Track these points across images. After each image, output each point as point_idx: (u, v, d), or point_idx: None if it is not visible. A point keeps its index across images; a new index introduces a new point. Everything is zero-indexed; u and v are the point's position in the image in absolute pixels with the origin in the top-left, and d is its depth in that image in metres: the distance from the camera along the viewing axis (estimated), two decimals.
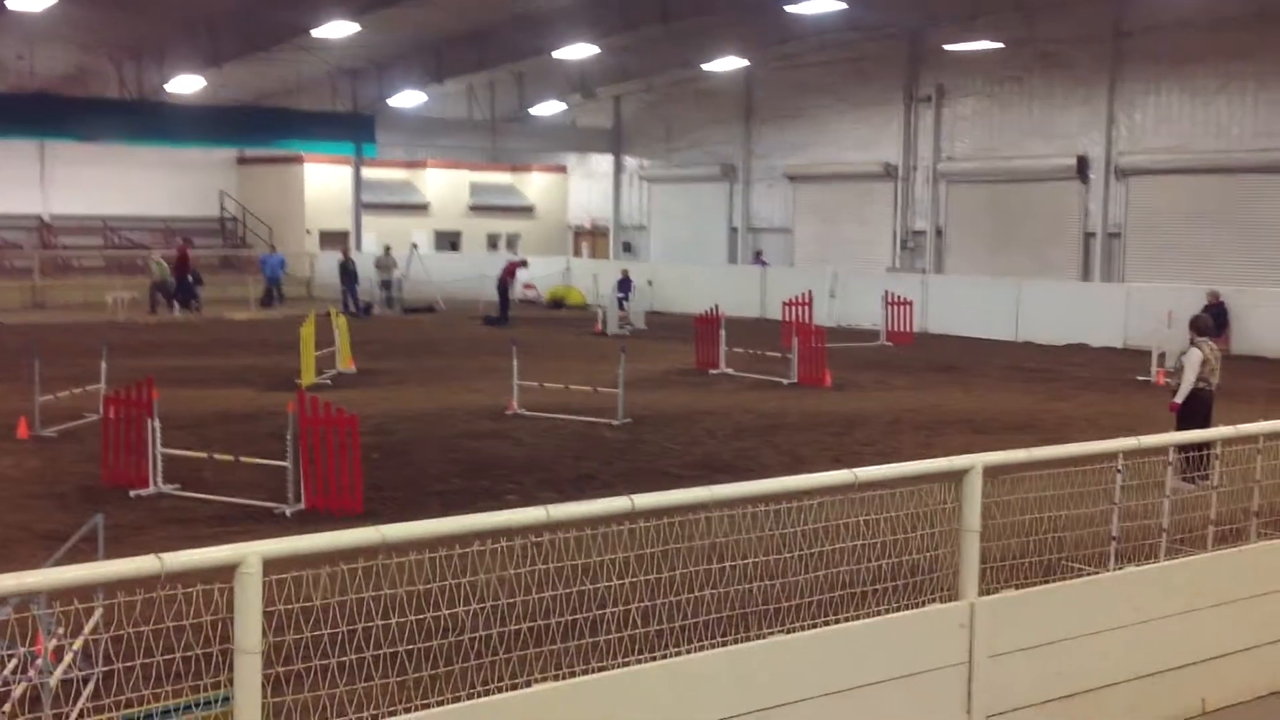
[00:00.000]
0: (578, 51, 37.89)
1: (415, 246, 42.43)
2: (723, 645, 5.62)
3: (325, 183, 44.66)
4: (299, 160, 44.04)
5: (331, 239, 43.59)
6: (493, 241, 48.51)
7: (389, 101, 43.27)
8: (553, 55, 38.03)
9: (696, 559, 5.90)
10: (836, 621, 5.97)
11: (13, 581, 4.04)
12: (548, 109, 46.37)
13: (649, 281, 37.32)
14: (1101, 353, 27.96)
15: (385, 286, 38.63)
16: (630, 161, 47.36)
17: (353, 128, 42.94)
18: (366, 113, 43.09)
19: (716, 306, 24.55)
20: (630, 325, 32.59)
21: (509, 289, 34.95)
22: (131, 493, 12.51)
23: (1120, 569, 7.62)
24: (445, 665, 5.35)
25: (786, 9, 32.78)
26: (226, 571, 4.37)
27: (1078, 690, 6.54)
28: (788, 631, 5.87)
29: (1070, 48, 34.54)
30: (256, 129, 42.14)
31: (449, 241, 47.43)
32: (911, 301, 30.79)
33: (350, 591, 5.03)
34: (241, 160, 46.26)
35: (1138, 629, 6.80)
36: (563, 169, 50.05)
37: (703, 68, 40.28)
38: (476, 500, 12.50)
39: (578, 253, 48.69)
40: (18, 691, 6.12)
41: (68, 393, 16.56)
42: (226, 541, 6.26)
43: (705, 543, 5.93)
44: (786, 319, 26.56)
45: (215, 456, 13.38)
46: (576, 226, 50.01)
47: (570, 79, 43.02)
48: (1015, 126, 36.03)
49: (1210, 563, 7.55)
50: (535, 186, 50.08)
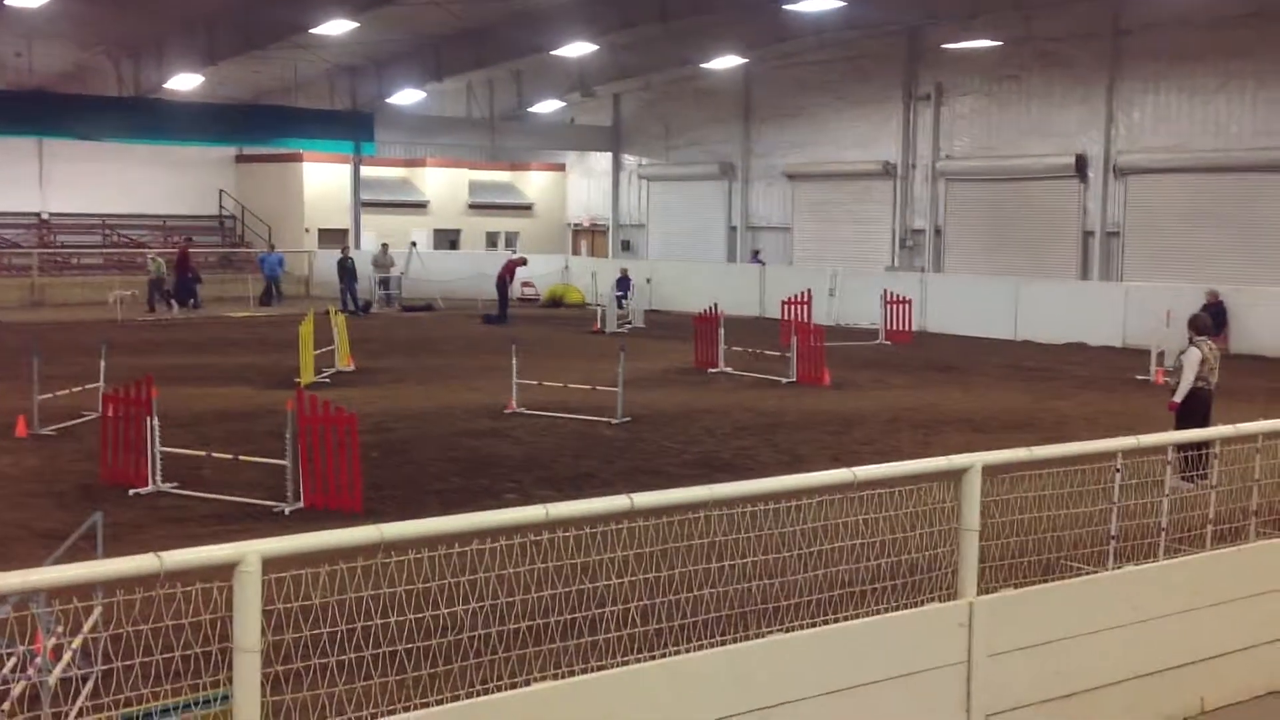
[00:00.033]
0: (576, 50, 37.84)
1: (414, 245, 42.43)
2: (722, 644, 5.62)
3: (324, 181, 44.60)
4: (298, 158, 43.96)
5: (330, 237, 43.53)
6: (492, 240, 48.47)
7: (388, 100, 43.21)
8: (552, 53, 37.96)
9: (695, 558, 5.90)
10: (835, 621, 5.97)
11: (12, 580, 4.04)
12: (547, 107, 46.33)
13: (648, 280, 37.30)
14: (1100, 352, 27.96)
15: (384, 285, 38.66)
16: (629, 160, 47.31)
17: (351, 126, 42.89)
18: (365, 111, 43.03)
19: (715, 305, 24.53)
20: (629, 324, 32.59)
21: (508, 287, 34.92)
22: (130, 491, 12.50)
23: (1119, 568, 7.63)
24: (444, 664, 5.35)
25: (785, 7, 32.74)
26: (226, 570, 4.37)
27: (1077, 689, 6.54)
28: (787, 630, 5.87)
29: (1069, 46, 34.52)
30: (255, 127, 42.07)
31: (448, 240, 47.38)
32: (910, 300, 30.77)
33: (349, 590, 5.03)
34: (240, 158, 46.20)
35: (1136, 628, 6.80)
36: (561, 167, 50.00)
37: (702, 66, 40.23)
38: (475, 499, 12.51)
39: (576, 251, 48.64)
40: (17, 690, 6.12)
41: (66, 391, 16.57)
42: (225, 540, 6.26)
43: (704, 541, 5.93)
44: (785, 318, 26.57)
45: (214, 455, 13.41)
46: (575, 225, 49.97)
47: (569, 77, 42.97)
48: (1014, 125, 36.01)
49: (1209, 562, 7.55)
50: (534, 185, 50.04)
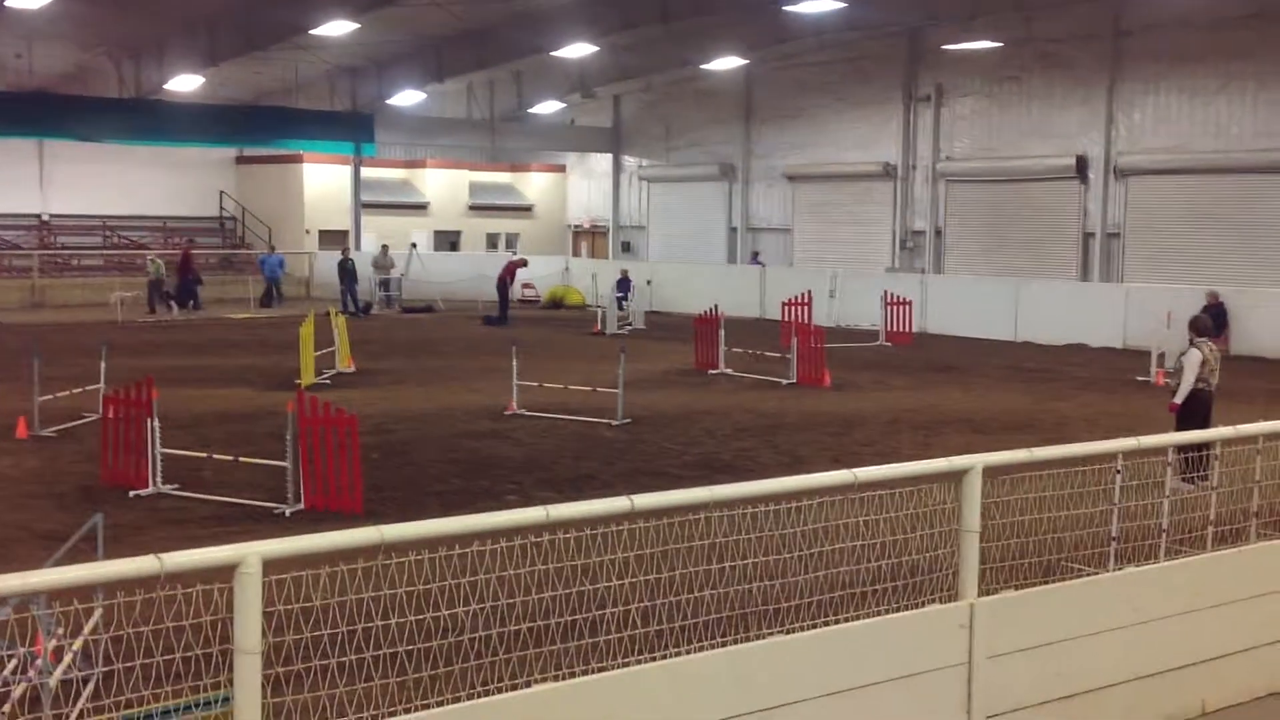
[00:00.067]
0: (577, 51, 37.84)
1: (414, 246, 42.43)
2: (722, 646, 5.62)
3: (324, 182, 44.61)
4: (298, 159, 43.98)
5: (331, 238, 43.55)
6: (492, 241, 48.47)
7: (388, 101, 43.22)
8: (552, 54, 37.97)
9: (696, 559, 5.90)
10: (836, 622, 5.97)
11: (12, 581, 4.04)
12: (547, 108, 46.34)
13: (648, 281, 37.30)
14: (1101, 353, 27.96)
15: (384, 286, 38.66)
16: (629, 161, 47.31)
17: (352, 127, 42.90)
18: (366, 112, 43.04)
19: (716, 306, 24.54)
20: (630, 325, 32.59)
21: (509, 289, 34.92)
22: (131, 493, 12.50)
23: (1120, 569, 7.63)
24: (445, 666, 5.35)
25: (786, 8, 32.74)
26: (226, 572, 4.37)
27: (1077, 691, 6.54)
28: (787, 632, 5.87)
29: (1069, 47, 34.52)
30: (255, 128, 42.07)
31: (448, 241, 47.38)
32: (911, 301, 30.78)
33: (350, 592, 5.03)
34: (240, 159, 46.21)
35: (1137, 630, 6.80)
36: (562, 168, 50.01)
37: (702, 67, 40.23)
38: (476, 500, 12.50)
39: (577, 252, 48.65)
40: (17, 692, 6.11)
41: (67, 392, 16.57)
42: (226, 542, 6.26)
43: (705, 543, 5.93)
44: (786, 319, 26.57)
45: (214, 456, 13.40)
46: (575, 226, 49.97)
47: (569, 78, 42.98)
48: (1014, 126, 36.01)
49: (1210, 563, 7.55)
50: (534, 186, 50.04)
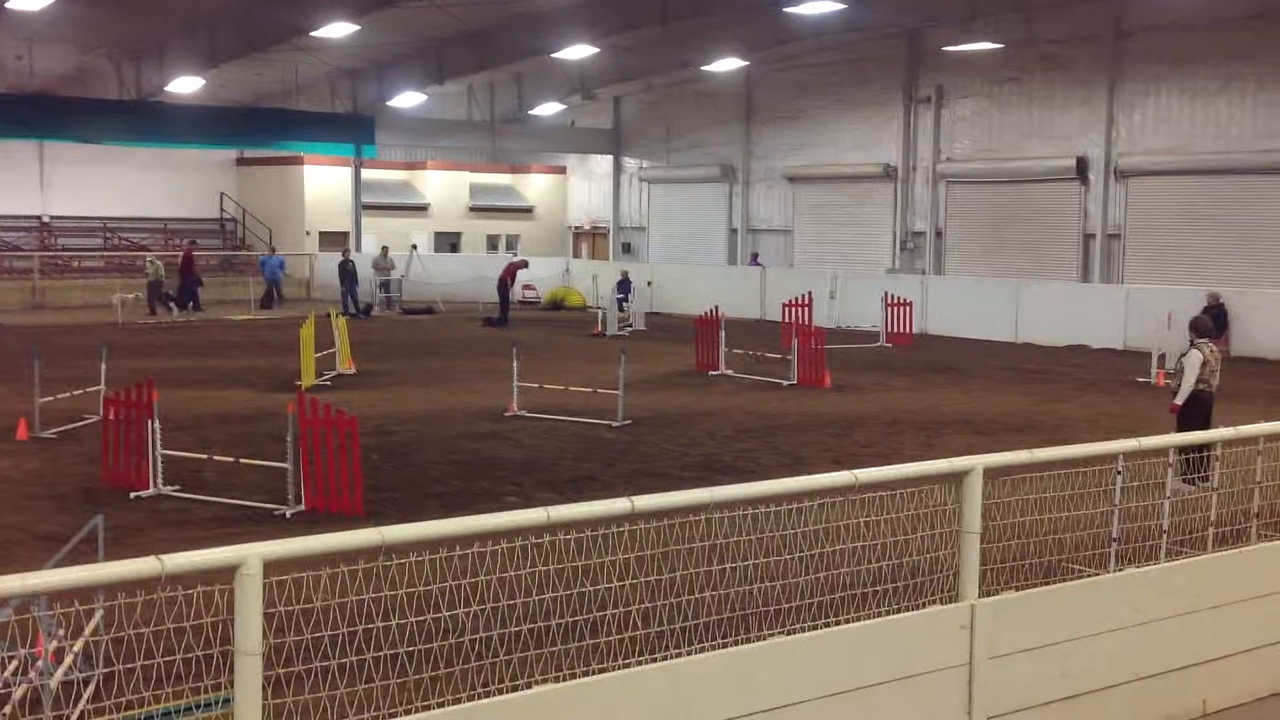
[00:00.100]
0: (577, 52, 37.85)
1: (415, 247, 42.43)
2: (723, 647, 5.61)
3: (325, 184, 44.61)
4: (298, 161, 43.98)
5: (331, 240, 43.57)
6: (492, 242, 48.48)
7: (389, 102, 43.23)
8: (552, 56, 37.98)
9: (697, 561, 5.90)
10: (837, 623, 5.96)
11: (13, 583, 4.04)
12: (547, 110, 46.35)
13: (649, 283, 37.29)
14: (1101, 354, 27.96)
15: (384, 288, 38.66)
16: (630, 162, 47.33)
17: (352, 129, 42.92)
18: (366, 114, 43.06)
19: (716, 308, 24.54)
20: (630, 326, 32.58)
21: (509, 290, 34.91)
22: (131, 494, 12.50)
23: (1121, 570, 7.63)
24: (446, 667, 5.35)
25: (786, 10, 32.77)
26: (227, 573, 4.37)
27: (1078, 692, 6.54)
28: (788, 633, 5.87)
29: (1070, 48, 34.53)
30: (256, 130, 42.10)
31: (449, 242, 47.39)
32: (911, 302, 30.77)
33: (350, 593, 5.03)
34: (241, 161, 46.21)
35: (1138, 630, 6.80)
36: (562, 170, 50.02)
37: (702, 68, 40.24)
38: (476, 501, 12.50)
39: (577, 254, 48.65)
40: (18, 693, 6.11)
41: (68, 394, 16.58)
42: (227, 543, 6.23)
43: (705, 544, 5.93)
44: (786, 320, 26.58)
45: (215, 458, 13.40)
46: (576, 227, 49.99)
47: (570, 80, 43.00)
48: (1015, 127, 36.01)
49: (1210, 564, 7.54)
50: (535, 187, 50.05)
